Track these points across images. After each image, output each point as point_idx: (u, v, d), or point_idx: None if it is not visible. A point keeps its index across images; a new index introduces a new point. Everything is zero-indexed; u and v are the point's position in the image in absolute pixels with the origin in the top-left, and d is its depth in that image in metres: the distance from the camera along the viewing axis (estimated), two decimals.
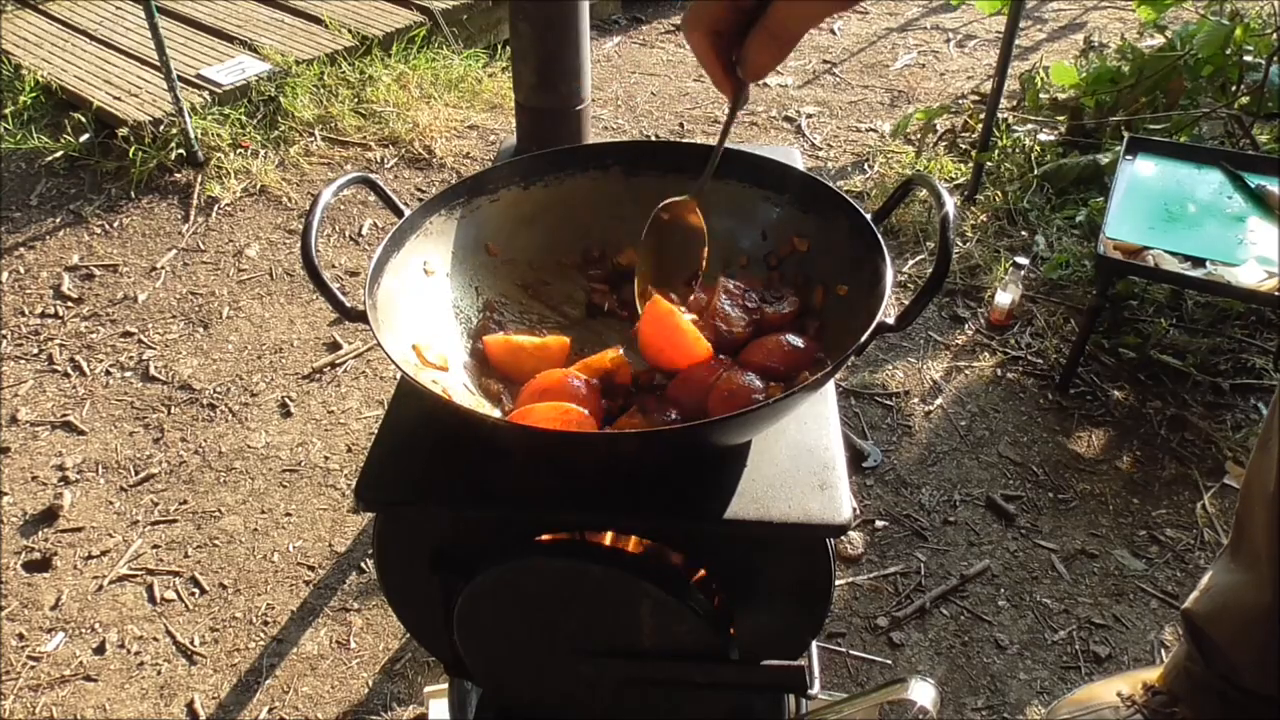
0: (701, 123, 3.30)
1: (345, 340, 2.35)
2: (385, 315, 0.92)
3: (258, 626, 1.73)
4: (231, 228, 2.75)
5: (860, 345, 0.82)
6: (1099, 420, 2.10)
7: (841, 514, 0.88)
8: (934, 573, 1.80)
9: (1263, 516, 1.20)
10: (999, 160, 2.82)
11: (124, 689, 1.64)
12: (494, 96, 3.31)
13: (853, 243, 0.96)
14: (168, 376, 2.26)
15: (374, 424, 2.13)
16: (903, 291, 2.47)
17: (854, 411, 2.15)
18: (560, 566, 0.92)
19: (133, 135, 2.88)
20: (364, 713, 1.60)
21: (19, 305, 2.48)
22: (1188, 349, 2.22)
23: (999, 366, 2.25)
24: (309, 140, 3.08)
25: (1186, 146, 2.28)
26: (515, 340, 1.01)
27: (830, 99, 3.43)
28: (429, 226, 1.03)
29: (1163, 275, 1.98)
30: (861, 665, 1.65)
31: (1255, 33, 2.73)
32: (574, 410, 0.89)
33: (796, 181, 1.05)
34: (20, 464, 2.04)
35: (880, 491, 1.96)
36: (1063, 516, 1.90)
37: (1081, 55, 3.36)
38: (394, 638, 1.71)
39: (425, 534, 0.97)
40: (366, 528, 1.89)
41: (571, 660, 0.98)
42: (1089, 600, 1.75)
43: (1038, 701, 1.59)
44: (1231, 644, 1.28)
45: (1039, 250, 2.56)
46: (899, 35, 3.91)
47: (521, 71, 1.41)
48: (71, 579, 1.81)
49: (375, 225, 2.75)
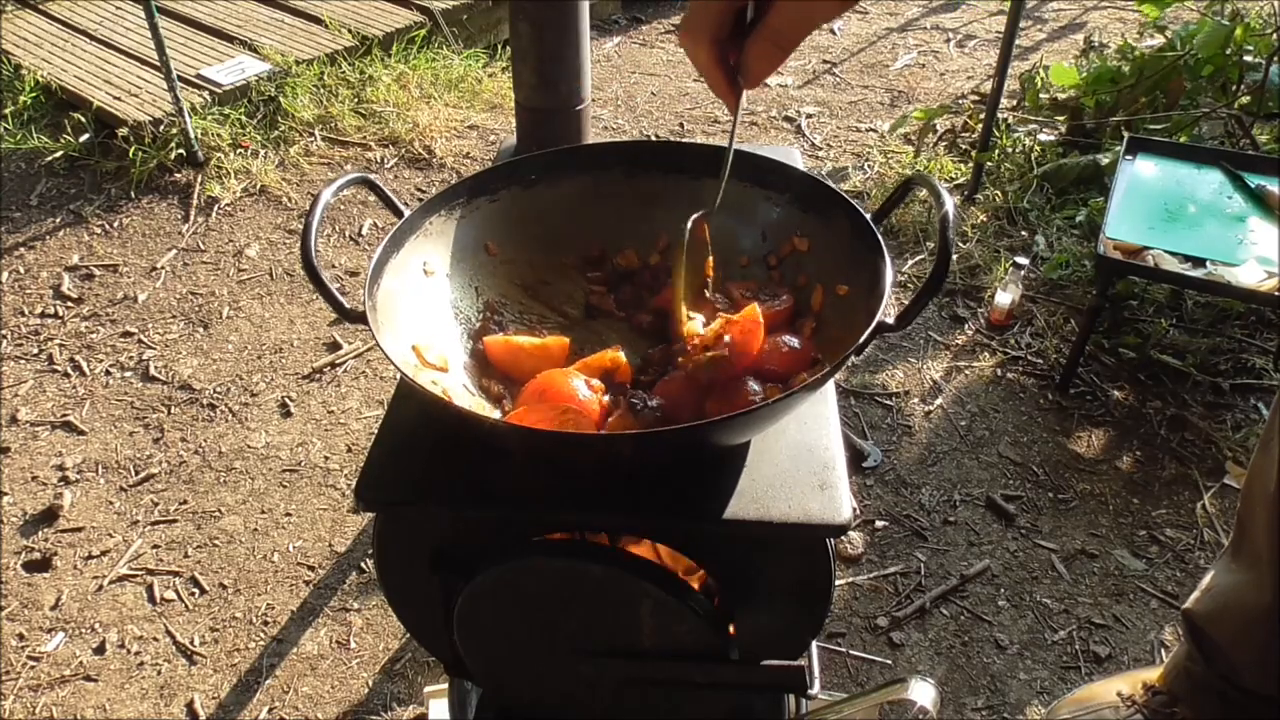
0: (701, 123, 3.30)
1: (345, 340, 2.35)
2: (385, 316, 0.92)
3: (258, 626, 1.73)
4: (231, 228, 2.75)
5: (860, 345, 0.82)
6: (1099, 420, 2.10)
7: (841, 514, 0.87)
8: (934, 573, 1.80)
9: (1264, 517, 1.20)
10: (999, 160, 2.82)
11: (124, 689, 1.64)
12: (494, 96, 3.31)
13: (853, 243, 0.96)
14: (168, 376, 2.26)
15: (374, 424, 2.13)
16: (902, 291, 2.47)
17: (854, 411, 2.15)
18: (560, 566, 0.92)
19: (133, 135, 2.88)
20: (364, 713, 1.60)
21: (19, 305, 2.48)
22: (1188, 349, 2.22)
23: (999, 366, 2.25)
24: (309, 140, 3.08)
25: (1186, 146, 2.28)
26: (515, 341, 1.01)
27: (830, 99, 3.43)
28: (429, 227, 1.03)
29: (1163, 275, 1.97)
30: (861, 665, 1.65)
31: (1255, 33, 2.73)
32: (573, 410, 0.89)
33: (796, 181, 1.05)
34: (20, 464, 2.04)
35: (880, 491, 1.96)
36: (1063, 516, 1.90)
37: (1081, 55, 3.36)
38: (394, 638, 1.71)
39: (425, 534, 0.97)
40: (366, 528, 1.89)
41: (571, 660, 0.98)
42: (1089, 600, 1.75)
43: (1038, 701, 1.59)
44: (1232, 644, 1.28)
45: (1039, 250, 2.56)
46: (899, 35, 3.91)
47: (521, 71, 1.41)
48: (71, 579, 1.81)
49: (375, 225, 2.75)
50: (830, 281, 1.01)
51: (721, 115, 3.32)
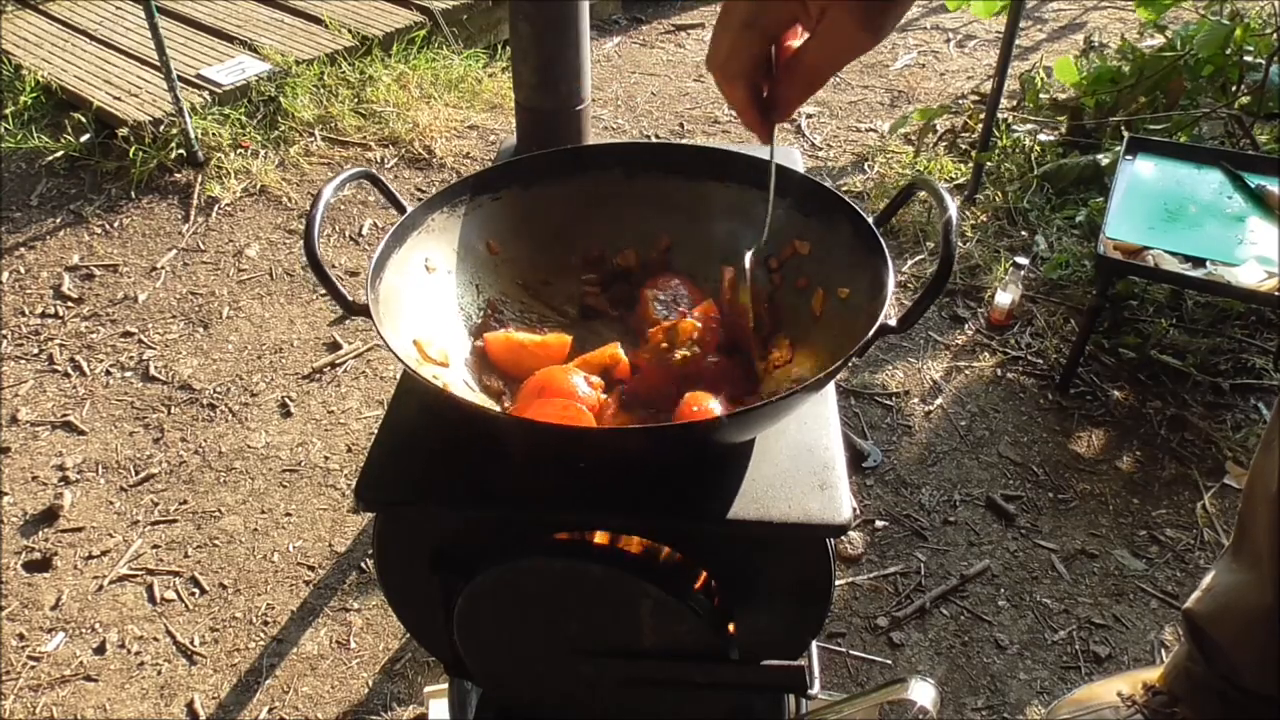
0: (701, 123, 3.30)
1: (345, 340, 2.35)
2: (387, 310, 0.92)
3: (258, 626, 1.73)
4: (231, 228, 2.75)
5: (861, 347, 0.82)
6: (1099, 420, 2.10)
7: (841, 514, 0.87)
8: (934, 573, 1.80)
9: (1265, 517, 1.20)
10: (999, 160, 2.82)
11: (124, 689, 1.64)
12: (494, 96, 3.31)
13: (854, 245, 0.96)
14: (168, 376, 2.26)
15: (374, 424, 2.13)
16: (903, 291, 2.47)
17: (854, 411, 2.15)
18: (560, 566, 0.92)
19: (133, 135, 2.88)
20: (364, 713, 1.60)
21: (19, 305, 2.48)
22: (1188, 349, 2.22)
23: (999, 366, 2.25)
24: (309, 140, 3.08)
25: (1186, 146, 2.28)
26: (516, 338, 1.01)
27: (830, 99, 3.43)
28: (431, 223, 1.03)
29: (1163, 275, 1.98)
30: (861, 665, 1.65)
31: (1255, 33, 2.73)
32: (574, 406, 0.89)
33: (797, 184, 1.05)
34: (20, 464, 2.04)
35: (880, 491, 1.96)
36: (1063, 516, 1.90)
37: (1081, 55, 3.36)
38: (394, 638, 1.71)
39: (425, 534, 0.97)
40: (366, 528, 1.89)
41: (571, 660, 0.98)
42: (1089, 600, 1.75)
43: (1038, 701, 1.59)
44: (1233, 644, 1.28)
45: (1039, 250, 2.56)
46: (899, 35, 3.91)
47: (521, 71, 1.41)
48: (71, 579, 1.81)
49: (375, 225, 2.75)
50: (831, 284, 1.01)
51: (721, 115, 3.32)
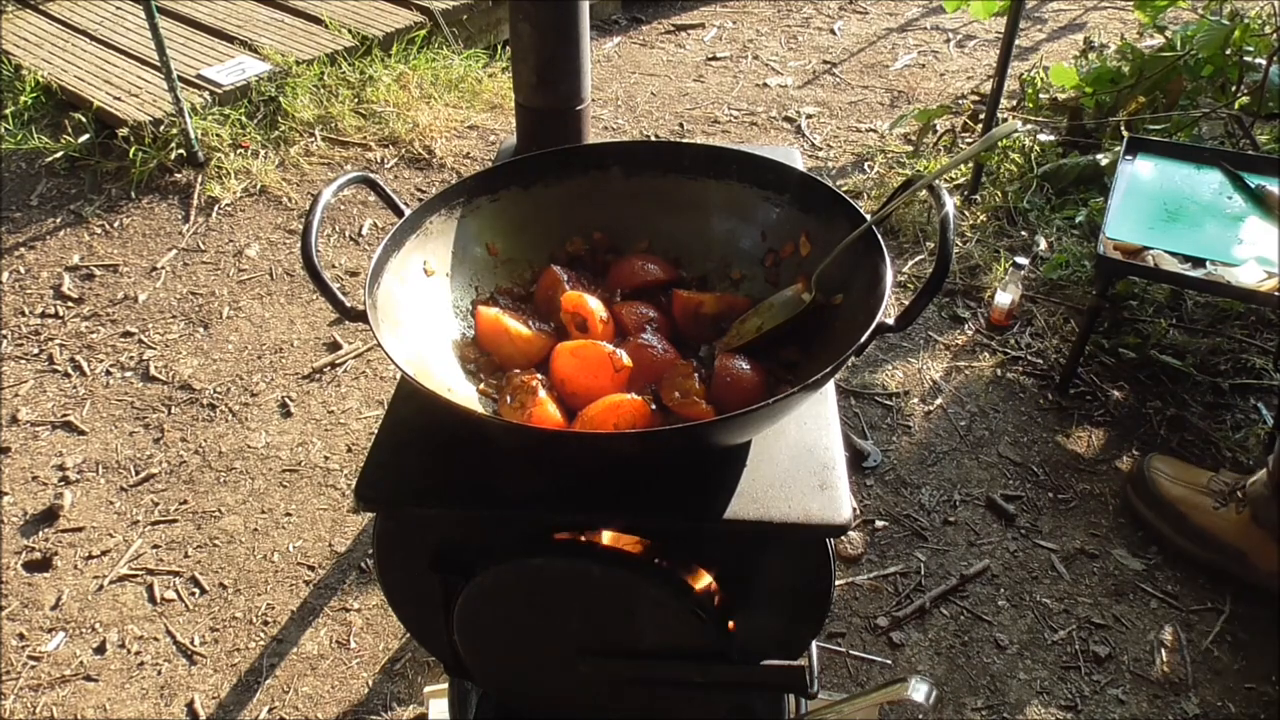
0: (701, 123, 3.30)
1: (345, 340, 2.35)
2: (385, 315, 0.92)
3: (258, 626, 1.73)
4: (231, 228, 2.75)
5: (860, 345, 0.82)
6: (1099, 420, 2.10)
7: (841, 514, 0.88)
8: (934, 573, 1.80)
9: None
10: (999, 160, 2.82)
11: (124, 689, 1.64)
12: (494, 96, 3.31)
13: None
14: (168, 376, 2.26)
15: (374, 424, 2.13)
16: (902, 291, 2.47)
17: (854, 411, 2.15)
18: (560, 566, 0.92)
19: (133, 135, 2.87)
20: (364, 713, 1.60)
21: (19, 305, 2.48)
22: (1188, 349, 2.22)
23: (999, 366, 2.25)
24: (309, 140, 3.08)
25: (1186, 146, 2.28)
26: (504, 321, 1.01)
27: (830, 99, 3.43)
28: (429, 226, 1.03)
29: (1163, 275, 1.97)
30: (861, 665, 1.65)
31: (1255, 33, 2.72)
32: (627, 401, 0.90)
33: (796, 182, 1.05)
34: (20, 464, 2.04)
35: (880, 491, 1.96)
36: (1062, 516, 1.90)
37: (1081, 55, 3.36)
38: (394, 638, 1.71)
39: (425, 534, 0.97)
40: (366, 528, 1.89)
41: (571, 660, 0.98)
42: (1089, 600, 1.75)
43: (1038, 701, 1.60)
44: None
45: (1039, 250, 2.56)
46: (899, 35, 3.91)
47: (521, 71, 1.41)
48: (72, 579, 1.82)
49: (375, 225, 2.75)
50: (830, 283, 1.01)
51: (721, 115, 3.32)
